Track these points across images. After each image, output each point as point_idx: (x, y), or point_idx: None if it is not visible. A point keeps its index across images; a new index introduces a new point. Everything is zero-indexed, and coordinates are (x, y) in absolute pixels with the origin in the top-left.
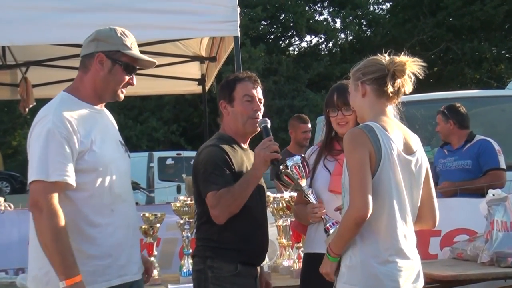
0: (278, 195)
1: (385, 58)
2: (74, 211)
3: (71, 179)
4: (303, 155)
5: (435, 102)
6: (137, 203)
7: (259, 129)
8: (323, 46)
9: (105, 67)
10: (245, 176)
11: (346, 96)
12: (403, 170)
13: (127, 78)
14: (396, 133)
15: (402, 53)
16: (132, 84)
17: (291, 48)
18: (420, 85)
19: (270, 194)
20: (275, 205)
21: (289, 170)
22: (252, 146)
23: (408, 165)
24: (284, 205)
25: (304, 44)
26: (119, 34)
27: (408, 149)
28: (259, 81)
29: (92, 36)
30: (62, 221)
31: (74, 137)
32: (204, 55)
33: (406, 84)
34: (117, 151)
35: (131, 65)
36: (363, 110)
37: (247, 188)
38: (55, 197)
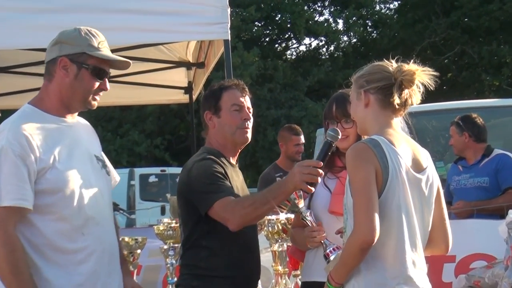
0: (273, 216)
1: (392, 65)
2: (39, 237)
3: (27, 202)
4: None
5: (448, 112)
6: None
7: (249, 139)
8: (324, 49)
9: (70, 73)
10: (272, 189)
11: (346, 107)
12: (412, 189)
13: (97, 83)
14: (404, 148)
15: (412, 60)
16: (105, 89)
17: (288, 52)
18: (432, 93)
19: None
20: (269, 228)
21: None
22: (243, 162)
23: (417, 184)
24: (280, 228)
25: (302, 48)
26: (83, 34)
27: (418, 166)
28: (247, 89)
29: (55, 39)
30: (19, 251)
31: (31, 155)
32: (191, 61)
33: (414, 94)
34: (91, 167)
35: (100, 68)
36: (365, 122)
37: (271, 202)
38: (10, 223)
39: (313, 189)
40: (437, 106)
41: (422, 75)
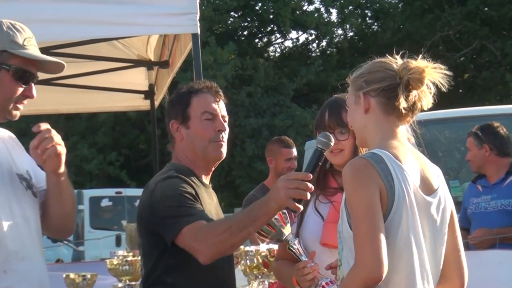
0: (252, 247)
1: (396, 61)
2: None
3: None
4: None
5: (465, 120)
6: (59, 260)
7: (224, 155)
8: (314, 45)
9: None
10: (252, 210)
11: (340, 115)
12: (421, 215)
13: (20, 89)
14: (411, 163)
15: (421, 55)
16: (30, 97)
17: (271, 48)
18: (446, 98)
19: (240, 246)
20: (247, 261)
21: None
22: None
23: (427, 208)
24: (260, 261)
25: (288, 43)
26: (5, 28)
27: (427, 186)
28: (221, 93)
29: None
30: None
31: None
32: (152, 59)
33: (424, 97)
34: (11, 189)
35: (24, 70)
36: (365, 131)
37: (250, 226)
38: None
39: (301, 207)
40: (451, 113)
41: (433, 73)
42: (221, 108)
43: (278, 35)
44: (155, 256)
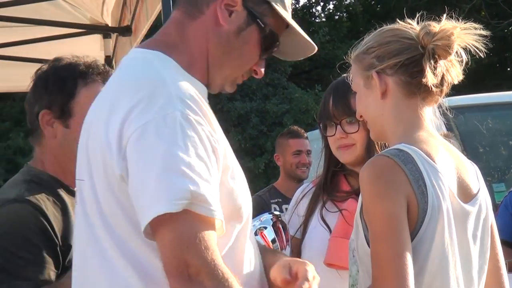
0: None
1: (412, 26)
2: None
3: None
4: (276, 212)
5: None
6: None
7: None
8: (319, 8)
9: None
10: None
11: (348, 101)
12: (459, 229)
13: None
14: (445, 162)
15: (445, 15)
16: (257, 73)
17: None
18: (489, 78)
19: None
20: None
21: None
22: None
23: (465, 220)
24: None
25: None
26: None
27: (466, 191)
28: None
29: None
30: None
31: None
32: (110, 24)
33: (452, 67)
34: None
35: (277, 38)
36: (383, 121)
37: None
38: None
39: None
40: (496, 97)
41: (464, 36)
42: None
43: None
44: None
